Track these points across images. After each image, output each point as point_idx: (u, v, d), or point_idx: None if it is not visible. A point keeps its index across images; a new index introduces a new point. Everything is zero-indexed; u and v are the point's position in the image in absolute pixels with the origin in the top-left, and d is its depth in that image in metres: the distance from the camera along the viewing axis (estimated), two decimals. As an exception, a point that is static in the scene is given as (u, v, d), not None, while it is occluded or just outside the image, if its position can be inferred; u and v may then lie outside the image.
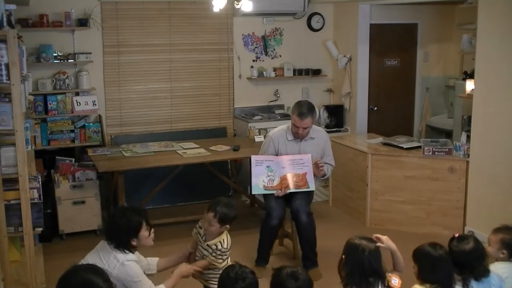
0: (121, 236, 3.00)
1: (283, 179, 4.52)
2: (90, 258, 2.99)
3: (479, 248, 2.83)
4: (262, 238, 4.65)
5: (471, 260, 2.78)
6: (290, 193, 4.57)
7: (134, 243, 3.05)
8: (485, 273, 2.80)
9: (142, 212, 3.10)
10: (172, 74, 6.53)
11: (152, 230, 3.12)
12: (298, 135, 4.63)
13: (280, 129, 4.79)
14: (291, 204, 4.58)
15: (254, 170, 4.55)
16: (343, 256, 2.66)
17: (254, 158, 4.60)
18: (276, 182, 4.52)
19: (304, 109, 4.53)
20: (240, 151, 5.62)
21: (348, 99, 7.07)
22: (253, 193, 4.73)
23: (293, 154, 4.62)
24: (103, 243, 3.06)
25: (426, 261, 2.72)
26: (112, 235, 3.03)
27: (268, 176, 4.53)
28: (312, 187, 4.55)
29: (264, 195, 4.72)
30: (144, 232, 3.05)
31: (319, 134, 4.78)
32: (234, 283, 2.47)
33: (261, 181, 4.52)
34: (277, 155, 4.67)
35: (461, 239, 2.85)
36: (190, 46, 6.55)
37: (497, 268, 2.97)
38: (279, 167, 4.54)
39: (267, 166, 4.55)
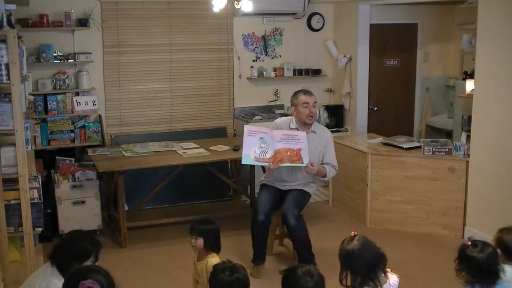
0: (68, 257, 2.82)
1: (277, 152, 4.42)
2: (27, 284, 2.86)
3: (495, 253, 2.82)
4: (252, 234, 4.65)
5: (490, 265, 2.76)
6: (282, 194, 4.60)
7: None
8: (499, 277, 2.78)
9: (97, 244, 2.96)
10: (172, 74, 6.53)
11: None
12: (311, 114, 4.63)
13: (285, 118, 4.93)
14: (281, 207, 4.60)
15: (246, 140, 4.44)
16: (346, 271, 2.67)
17: (247, 128, 4.50)
18: (269, 155, 4.43)
19: (306, 89, 4.82)
20: (240, 151, 5.57)
21: (348, 99, 7.07)
22: (243, 163, 4.56)
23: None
24: (46, 268, 2.88)
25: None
26: (60, 254, 2.87)
27: (261, 147, 4.43)
28: (305, 162, 4.45)
29: (258, 192, 4.74)
30: (87, 264, 2.87)
31: (321, 130, 4.82)
32: (221, 272, 2.49)
33: (252, 152, 4.42)
34: None
35: (476, 245, 2.80)
36: (190, 46, 6.55)
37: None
38: (274, 140, 4.45)
39: (261, 138, 4.45)
